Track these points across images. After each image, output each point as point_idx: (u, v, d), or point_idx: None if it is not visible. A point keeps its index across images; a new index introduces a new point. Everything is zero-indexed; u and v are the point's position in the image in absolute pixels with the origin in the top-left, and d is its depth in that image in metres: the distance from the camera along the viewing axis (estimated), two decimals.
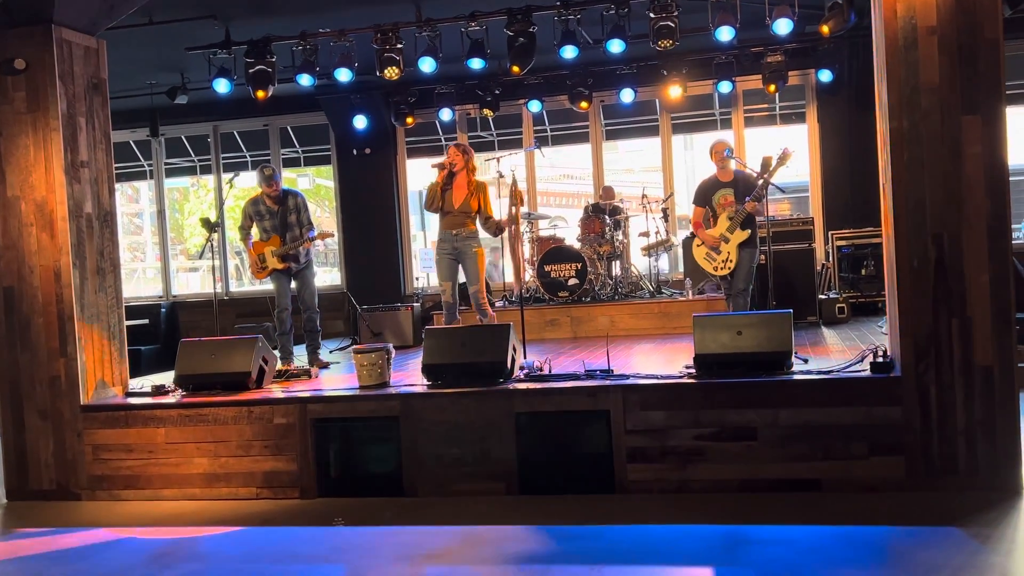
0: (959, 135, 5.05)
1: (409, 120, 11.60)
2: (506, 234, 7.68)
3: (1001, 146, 5.02)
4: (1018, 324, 5.16)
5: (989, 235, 5.01)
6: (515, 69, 9.02)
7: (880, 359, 5.35)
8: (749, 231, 7.30)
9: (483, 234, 7.81)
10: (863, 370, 5.43)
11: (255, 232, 8.01)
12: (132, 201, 17.64)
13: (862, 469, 5.18)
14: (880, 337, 7.37)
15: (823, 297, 9.61)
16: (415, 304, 10.55)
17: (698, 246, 7.57)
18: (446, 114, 11.49)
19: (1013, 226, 5.20)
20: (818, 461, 5.23)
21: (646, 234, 10.39)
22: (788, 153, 7.21)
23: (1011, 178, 5.10)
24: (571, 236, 10.51)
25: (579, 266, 9.72)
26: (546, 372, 6.08)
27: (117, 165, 7.37)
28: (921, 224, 5.12)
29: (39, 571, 4.70)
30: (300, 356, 8.12)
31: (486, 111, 11.30)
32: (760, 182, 7.23)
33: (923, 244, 5.11)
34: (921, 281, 5.12)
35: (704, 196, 7.58)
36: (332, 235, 7.90)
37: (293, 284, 8.04)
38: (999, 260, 5.01)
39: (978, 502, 4.81)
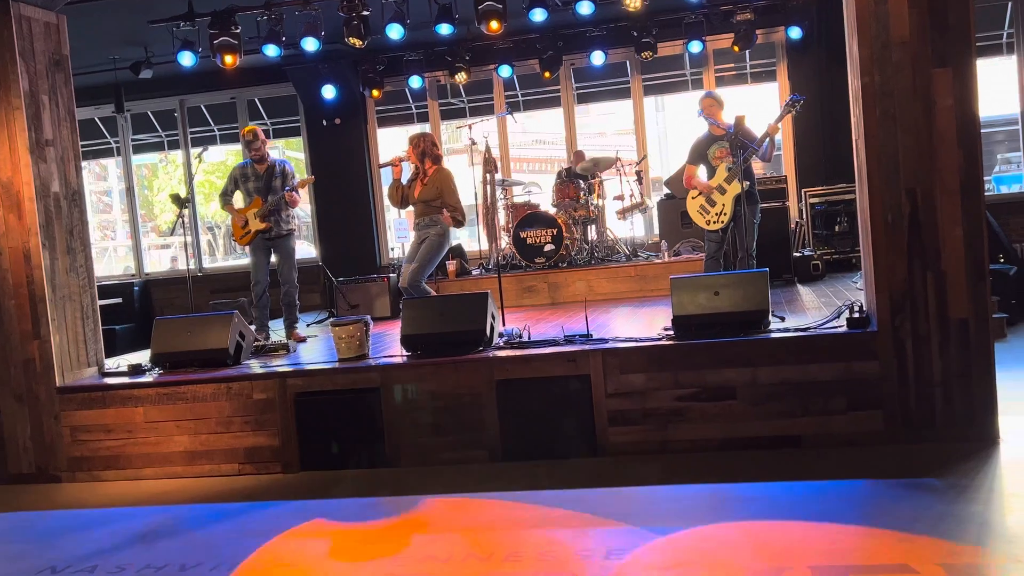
0: (930, 89, 5.05)
1: (375, 93, 11.46)
2: (479, 201, 7.61)
3: (972, 99, 5.03)
4: (991, 276, 5.20)
5: (962, 188, 5.04)
6: (493, 27, 8.88)
7: (856, 315, 5.39)
8: (748, 183, 7.02)
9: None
10: (840, 326, 5.47)
11: (238, 198, 7.93)
12: (100, 179, 17.42)
13: (841, 424, 5.23)
14: (855, 293, 7.41)
15: (798, 255, 9.64)
16: (392, 275, 10.50)
17: (693, 198, 7.28)
18: (416, 81, 11.36)
19: (985, 179, 5.22)
20: (797, 417, 5.28)
21: (621, 197, 10.38)
22: (797, 102, 6.86)
23: (982, 130, 5.12)
24: (546, 202, 10.48)
25: (555, 232, 9.70)
26: (525, 339, 6.08)
27: (83, 143, 7.25)
28: (894, 179, 5.13)
29: (21, 554, 4.67)
30: (277, 330, 8.07)
31: (456, 77, 11.20)
32: (768, 127, 6.83)
33: (897, 199, 5.13)
34: (895, 236, 5.14)
35: (698, 153, 7.30)
36: (314, 179, 7.81)
37: (273, 258, 7.96)
38: (972, 213, 5.04)
39: (956, 453, 4.88)
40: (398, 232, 11.99)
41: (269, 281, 7.85)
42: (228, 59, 9.15)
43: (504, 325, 6.49)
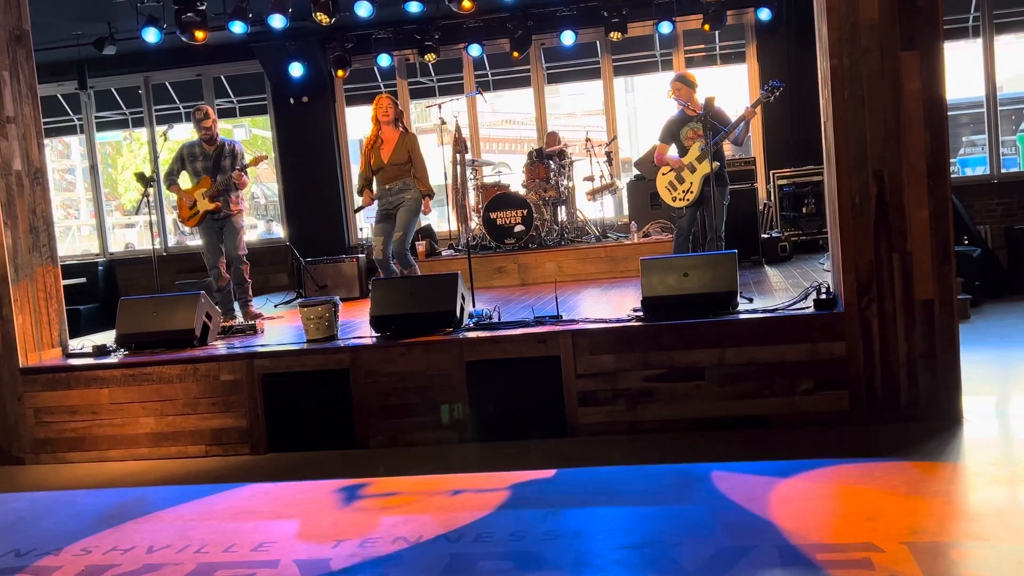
0: (898, 71, 5.08)
1: (340, 73, 11.33)
2: (449, 182, 7.59)
3: (939, 82, 5.07)
4: (956, 258, 5.26)
5: (928, 171, 5.08)
6: (466, 5, 8.80)
7: (823, 296, 5.43)
8: (719, 165, 7.03)
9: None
10: (807, 307, 5.51)
11: (185, 179, 7.80)
12: (63, 157, 17.16)
13: (808, 404, 5.28)
14: (822, 274, 7.47)
15: (766, 236, 9.70)
16: (360, 255, 10.44)
17: (663, 175, 7.30)
18: (384, 60, 11.27)
19: (951, 161, 5.27)
20: (765, 398, 5.32)
21: (591, 178, 10.37)
22: (776, 88, 6.88)
23: (948, 113, 5.16)
24: (516, 182, 10.45)
25: (525, 212, 9.68)
26: (495, 320, 6.07)
27: (45, 120, 7.11)
28: (862, 161, 5.16)
29: None
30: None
31: (426, 56, 11.11)
32: (743, 111, 6.86)
33: (864, 181, 5.17)
34: (862, 217, 5.18)
35: (670, 133, 7.30)
36: (265, 157, 7.71)
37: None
38: (938, 195, 5.09)
39: (920, 432, 4.95)
40: (367, 213, 11.92)
41: (226, 262, 7.75)
42: (199, 34, 9.02)
43: (474, 306, 6.48)
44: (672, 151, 7.33)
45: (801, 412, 5.28)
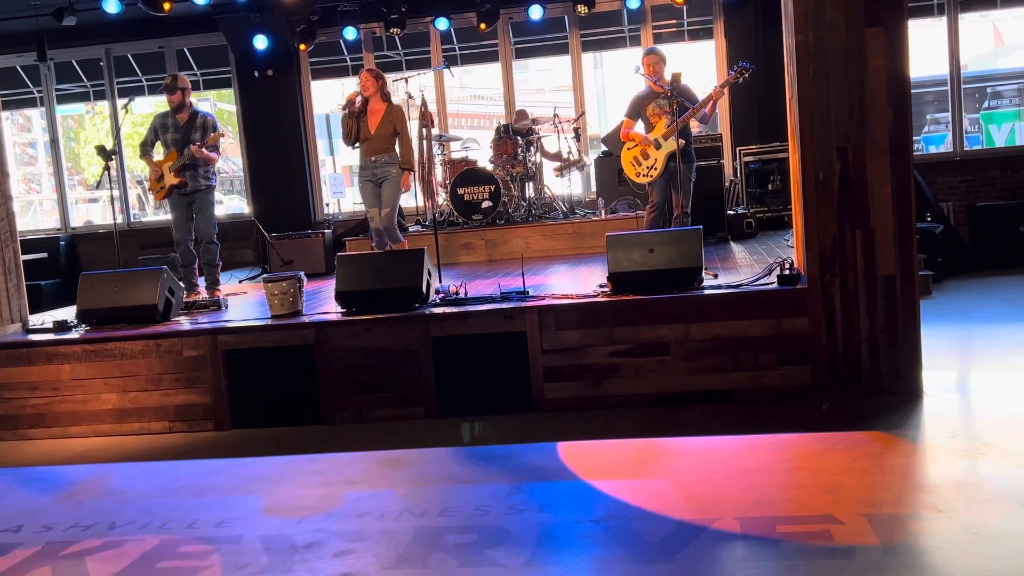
0: (863, 48, 5.11)
1: (303, 46, 11.19)
2: (416, 156, 7.56)
3: (903, 59, 5.10)
4: (918, 234, 5.31)
5: (891, 147, 5.12)
6: None
7: (787, 272, 5.47)
8: (684, 142, 7.03)
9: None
10: (771, 283, 5.55)
11: (159, 150, 7.65)
12: (24, 130, 16.85)
13: (771, 379, 5.33)
14: (787, 251, 7.52)
15: (731, 213, 9.74)
16: (326, 231, 10.36)
17: (628, 149, 7.30)
18: (351, 33, 11.13)
19: (914, 138, 5.31)
20: (729, 372, 5.36)
21: (558, 155, 10.35)
22: (746, 70, 6.89)
23: (912, 91, 5.19)
24: (484, 158, 10.41)
25: (492, 188, 9.64)
26: (462, 296, 6.05)
27: (4, 92, 6.98)
28: (826, 138, 5.19)
29: None
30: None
31: (392, 29, 11.00)
32: (711, 91, 6.87)
33: (828, 157, 5.20)
34: (826, 194, 5.21)
35: (635, 108, 7.30)
36: (223, 135, 7.56)
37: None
38: (901, 172, 5.13)
39: (881, 406, 5.01)
40: (333, 188, 11.84)
41: (194, 239, 7.61)
42: (166, 5, 8.85)
43: (441, 282, 6.46)
44: (639, 127, 7.33)
45: (764, 386, 5.33)
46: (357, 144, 7.62)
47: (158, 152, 7.64)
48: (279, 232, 10.21)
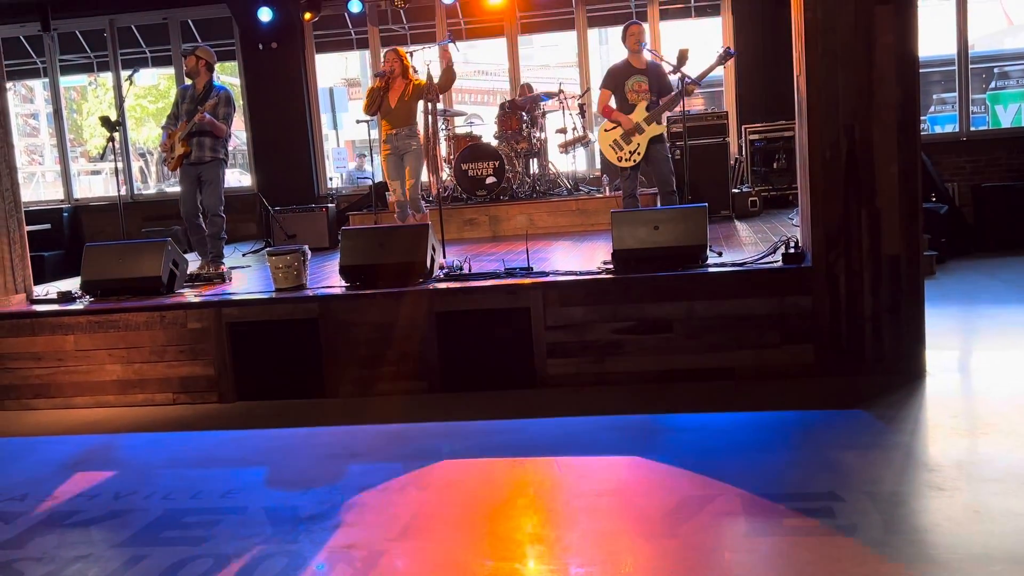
0: (872, 25, 5.07)
1: (308, 16, 11.12)
2: (422, 131, 7.58)
3: (912, 37, 5.06)
4: (924, 214, 5.30)
5: (898, 126, 5.09)
6: None
7: (792, 250, 5.46)
8: (664, 126, 7.14)
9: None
10: (775, 261, 5.54)
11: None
12: (26, 101, 16.81)
13: (774, 357, 5.33)
14: (791, 229, 7.51)
15: (736, 191, 9.71)
16: (330, 205, 10.35)
17: (606, 131, 7.22)
18: (356, 6, 11.06)
19: (921, 118, 5.29)
20: (732, 350, 5.37)
21: (563, 131, 10.31)
22: (729, 56, 6.90)
23: (920, 70, 5.16)
24: (488, 134, 10.37)
25: (497, 164, 9.62)
26: (466, 271, 6.05)
27: (8, 62, 6.95)
28: (833, 116, 5.17)
29: None
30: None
31: (397, 3, 10.93)
32: (697, 74, 6.84)
33: (835, 136, 5.18)
34: (832, 172, 5.20)
35: (615, 80, 7.20)
36: (233, 109, 7.54)
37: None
38: (908, 151, 5.11)
39: (884, 385, 5.02)
40: (336, 162, 11.82)
41: (201, 210, 7.58)
42: None
43: (445, 258, 6.45)
44: (613, 102, 7.25)
45: (768, 364, 5.34)
46: (376, 115, 7.79)
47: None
48: (282, 205, 10.20)
